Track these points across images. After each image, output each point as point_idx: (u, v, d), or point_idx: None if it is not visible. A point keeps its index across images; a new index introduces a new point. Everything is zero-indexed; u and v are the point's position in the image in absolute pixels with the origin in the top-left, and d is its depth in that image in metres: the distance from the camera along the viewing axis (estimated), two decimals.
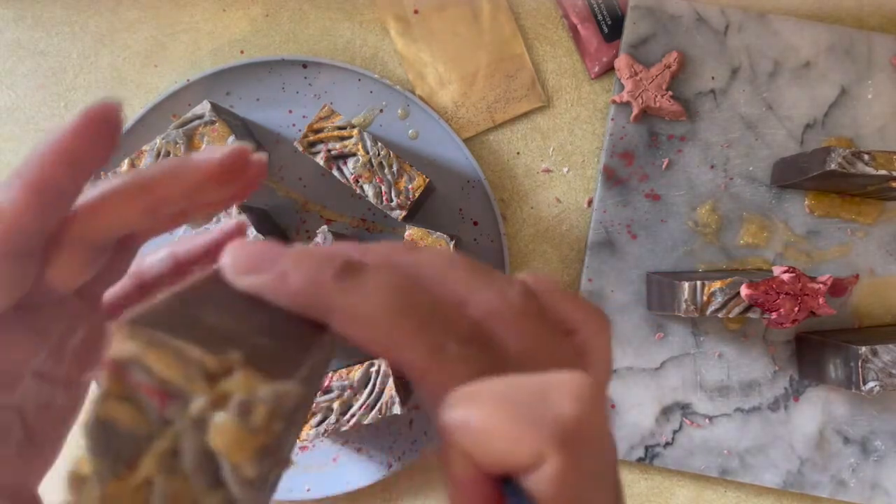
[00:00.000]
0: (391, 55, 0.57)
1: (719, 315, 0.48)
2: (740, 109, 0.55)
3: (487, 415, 0.18)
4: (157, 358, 0.17)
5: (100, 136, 0.21)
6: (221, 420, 0.16)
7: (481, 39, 0.57)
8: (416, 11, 0.57)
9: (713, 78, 0.55)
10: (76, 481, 0.16)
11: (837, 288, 0.48)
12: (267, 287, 0.19)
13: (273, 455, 0.17)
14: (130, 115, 0.54)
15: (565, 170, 0.57)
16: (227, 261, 0.20)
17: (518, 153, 0.57)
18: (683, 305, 0.48)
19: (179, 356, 0.17)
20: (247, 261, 0.19)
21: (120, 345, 0.17)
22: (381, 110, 0.55)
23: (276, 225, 0.55)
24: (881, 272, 0.55)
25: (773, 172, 0.55)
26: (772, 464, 0.55)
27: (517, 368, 0.19)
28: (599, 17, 0.56)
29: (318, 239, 0.50)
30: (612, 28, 0.56)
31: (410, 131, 0.55)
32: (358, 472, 0.55)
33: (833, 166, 0.47)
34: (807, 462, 0.55)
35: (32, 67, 0.57)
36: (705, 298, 0.48)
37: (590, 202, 0.57)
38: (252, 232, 0.49)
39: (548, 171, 0.57)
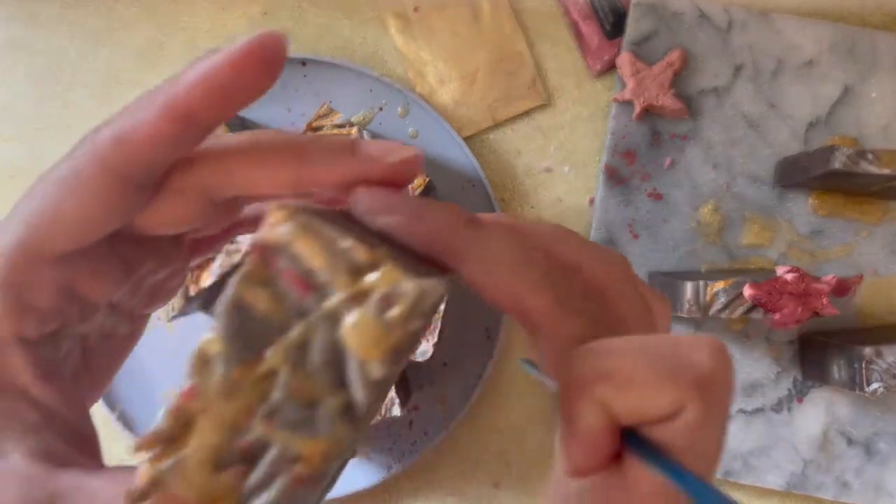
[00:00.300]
0: (391, 53, 0.57)
1: (722, 315, 0.47)
2: (743, 108, 0.55)
3: (632, 366, 0.19)
4: (308, 244, 0.17)
5: (259, 70, 0.19)
6: (359, 315, 0.16)
7: (482, 37, 0.56)
8: (416, 9, 0.56)
9: (716, 76, 0.55)
10: (201, 361, 0.16)
11: (841, 288, 0.48)
12: (402, 225, 0.19)
13: (399, 361, 0.17)
14: None
15: (566, 169, 0.57)
16: (362, 200, 0.20)
17: (519, 152, 0.57)
18: (686, 306, 0.47)
19: (330, 246, 0.17)
20: (382, 201, 0.20)
21: (274, 227, 0.17)
22: (381, 109, 0.55)
23: None
24: (885, 272, 0.55)
25: (776, 172, 0.55)
26: (775, 465, 0.54)
27: (628, 330, 0.21)
28: (601, 15, 0.56)
29: None
30: (613, 25, 0.55)
31: (410, 130, 0.55)
32: (358, 473, 0.55)
33: (836, 165, 0.47)
34: (810, 463, 0.54)
35: (29, 66, 0.57)
36: (708, 299, 0.47)
37: (591, 201, 0.56)
38: None
39: (549, 170, 0.57)
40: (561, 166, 0.57)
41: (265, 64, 0.19)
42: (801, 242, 0.55)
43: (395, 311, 0.17)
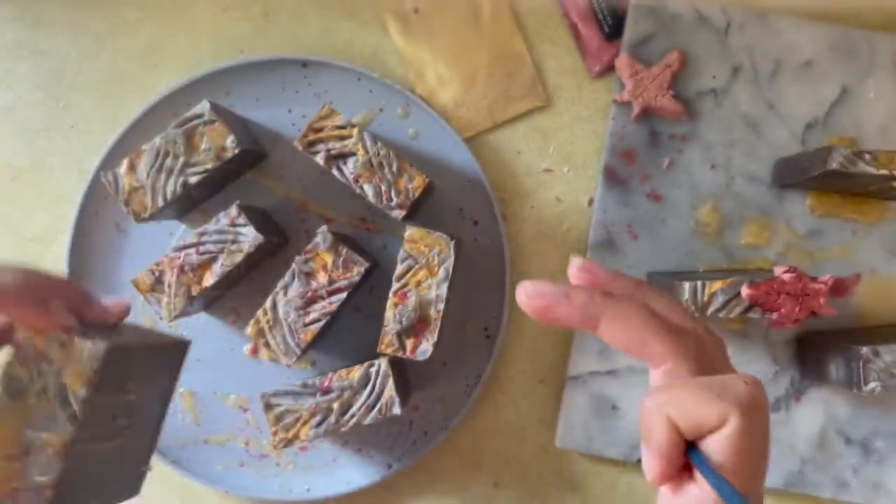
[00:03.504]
0: (391, 54, 0.57)
1: (720, 315, 0.47)
2: (741, 109, 0.55)
3: (691, 392, 0.26)
4: (37, 338, 0.33)
5: None
6: (69, 369, 0.33)
7: (482, 39, 0.57)
8: (416, 10, 0.57)
9: (714, 77, 0.55)
10: None
11: (839, 288, 0.48)
12: (554, 303, 0.28)
13: (96, 387, 0.33)
14: (130, 114, 0.54)
15: (566, 169, 0.57)
16: (525, 292, 0.28)
17: (518, 152, 0.57)
18: (684, 306, 0.48)
19: (49, 335, 0.33)
20: (538, 290, 0.28)
21: (20, 334, 0.33)
22: (381, 109, 0.55)
23: (275, 224, 0.55)
24: (883, 272, 0.55)
25: (774, 172, 0.55)
26: (773, 464, 0.54)
27: (716, 372, 0.29)
28: (600, 17, 0.56)
29: (318, 239, 0.49)
30: (613, 27, 0.56)
31: (410, 130, 0.55)
32: (358, 472, 0.55)
33: (834, 166, 0.47)
34: (808, 462, 0.54)
35: (32, 67, 0.57)
36: (706, 299, 0.47)
37: (590, 202, 0.57)
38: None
39: (548, 170, 0.57)
40: (560, 167, 0.57)
41: None
42: (799, 242, 0.55)
43: (83, 363, 0.33)
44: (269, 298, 0.49)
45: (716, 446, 0.26)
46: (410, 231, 0.49)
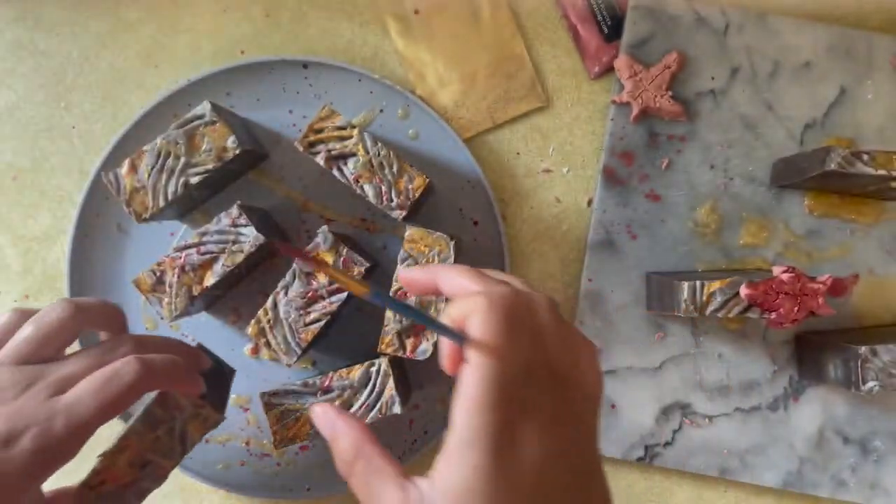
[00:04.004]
0: (391, 55, 0.57)
1: (719, 315, 0.48)
2: (740, 109, 0.55)
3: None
4: (171, 400, 0.43)
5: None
6: (190, 423, 0.44)
7: (481, 39, 0.57)
8: (416, 11, 0.57)
9: (713, 78, 0.55)
10: (131, 426, 0.42)
11: (837, 288, 0.48)
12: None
13: (203, 433, 0.45)
14: (131, 115, 0.55)
15: (565, 170, 0.57)
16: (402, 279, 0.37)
17: (518, 153, 0.57)
18: (683, 305, 0.48)
19: (186, 400, 0.44)
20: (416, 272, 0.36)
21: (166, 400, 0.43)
22: (382, 110, 0.55)
23: (276, 225, 0.55)
24: (881, 272, 0.55)
25: (772, 172, 0.55)
26: (772, 463, 0.55)
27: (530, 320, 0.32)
28: (599, 18, 0.56)
29: (318, 239, 0.50)
30: (612, 28, 0.56)
31: (410, 131, 0.55)
32: None
33: (832, 166, 0.47)
34: (807, 462, 0.55)
35: (33, 67, 0.57)
36: (705, 298, 0.48)
37: (590, 202, 0.57)
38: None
39: (548, 171, 0.57)
40: (560, 167, 0.57)
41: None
42: (797, 243, 0.55)
43: (205, 422, 0.44)
44: (270, 298, 0.50)
45: (470, 329, 0.29)
46: (410, 231, 0.49)
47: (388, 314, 0.49)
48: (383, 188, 0.49)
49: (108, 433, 0.40)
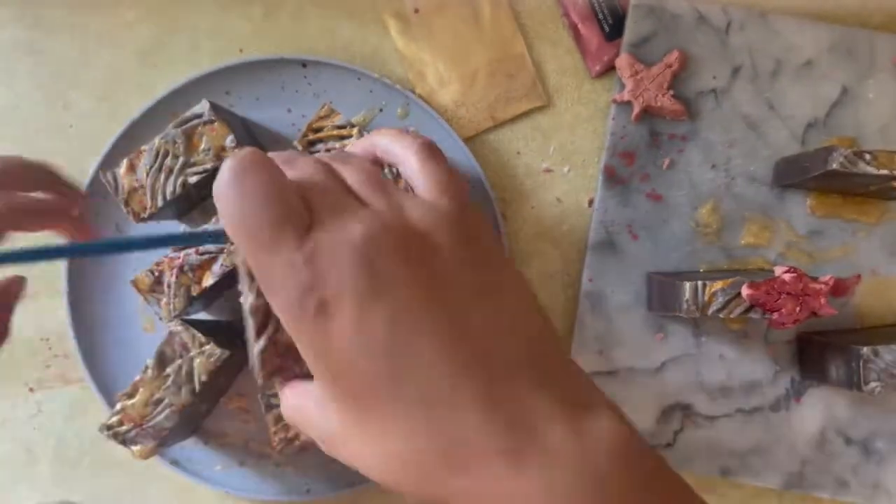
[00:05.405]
0: (391, 54, 0.57)
1: (720, 315, 0.47)
2: (742, 109, 0.55)
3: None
4: (187, 336, 0.48)
5: None
6: (197, 359, 0.48)
7: (482, 38, 0.57)
8: (416, 10, 0.56)
9: (714, 77, 0.55)
10: (144, 371, 0.48)
11: (839, 288, 0.48)
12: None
13: (218, 375, 0.49)
14: (129, 114, 0.54)
15: (566, 169, 0.57)
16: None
17: (518, 153, 0.57)
18: (685, 306, 0.48)
19: (194, 339, 0.48)
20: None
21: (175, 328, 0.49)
22: (381, 109, 0.55)
23: None
24: (884, 272, 0.55)
25: (774, 172, 0.55)
26: (773, 464, 0.54)
27: None
28: (600, 16, 0.56)
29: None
30: (613, 27, 0.56)
31: (410, 130, 0.55)
32: (358, 473, 0.55)
33: (835, 166, 0.47)
34: (808, 462, 0.54)
35: (31, 66, 0.57)
36: (706, 299, 0.47)
37: (591, 202, 0.57)
38: None
39: (548, 170, 0.57)
40: (560, 167, 0.57)
41: None
42: (799, 243, 0.55)
43: (209, 359, 0.48)
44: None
45: None
46: None
47: None
48: None
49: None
